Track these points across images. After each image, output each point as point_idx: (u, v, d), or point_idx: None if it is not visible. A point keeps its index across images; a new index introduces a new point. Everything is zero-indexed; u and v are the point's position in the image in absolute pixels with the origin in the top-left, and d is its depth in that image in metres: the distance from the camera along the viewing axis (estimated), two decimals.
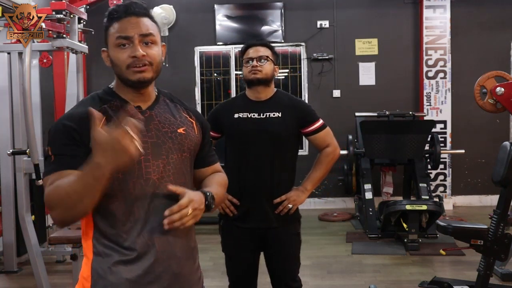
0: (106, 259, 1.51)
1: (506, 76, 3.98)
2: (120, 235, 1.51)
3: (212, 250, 5.26)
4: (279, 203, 2.62)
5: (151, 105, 1.62)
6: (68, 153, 1.48)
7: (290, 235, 2.69)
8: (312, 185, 2.69)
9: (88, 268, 1.53)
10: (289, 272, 2.71)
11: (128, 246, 1.50)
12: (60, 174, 1.46)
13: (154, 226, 1.51)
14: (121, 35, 1.53)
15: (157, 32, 1.59)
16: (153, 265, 1.52)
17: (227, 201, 2.63)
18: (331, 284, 4.24)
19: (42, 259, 4.08)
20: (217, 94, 7.38)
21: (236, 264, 2.73)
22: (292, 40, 7.21)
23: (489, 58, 6.91)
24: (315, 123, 2.67)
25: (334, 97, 7.18)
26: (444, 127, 7.03)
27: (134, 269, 1.50)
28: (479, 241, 3.28)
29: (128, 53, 1.53)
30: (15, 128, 4.44)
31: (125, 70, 1.54)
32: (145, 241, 1.51)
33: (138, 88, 1.57)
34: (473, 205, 7.12)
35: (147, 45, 1.55)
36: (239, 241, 2.68)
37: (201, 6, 7.23)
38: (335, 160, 2.72)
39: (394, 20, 7.21)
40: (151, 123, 1.57)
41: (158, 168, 1.54)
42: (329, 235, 5.71)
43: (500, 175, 3.21)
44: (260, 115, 2.62)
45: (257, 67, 2.58)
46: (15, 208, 4.37)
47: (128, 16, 1.55)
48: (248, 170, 2.62)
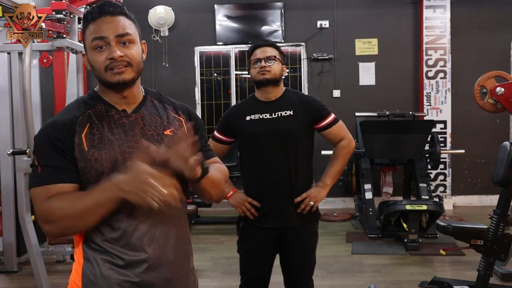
0: (97, 265, 1.49)
1: (506, 76, 3.98)
2: (111, 241, 1.49)
3: (212, 250, 5.27)
4: (299, 202, 2.62)
5: (136, 107, 1.58)
6: (56, 165, 1.46)
7: (310, 233, 2.69)
8: (331, 180, 2.69)
9: (79, 273, 1.52)
10: (306, 272, 2.71)
11: (119, 251, 1.49)
12: (50, 188, 1.45)
13: (144, 231, 1.50)
14: (96, 35, 1.49)
15: (135, 31, 1.55)
16: (146, 271, 1.50)
17: (248, 203, 2.63)
18: (331, 284, 4.24)
19: (42, 259, 4.08)
20: (217, 94, 7.38)
21: (253, 265, 2.72)
22: (292, 40, 7.21)
23: (489, 58, 6.91)
24: (327, 118, 2.66)
25: (334, 97, 7.18)
26: (444, 127, 7.03)
27: (126, 274, 1.48)
28: (479, 241, 3.28)
29: (105, 55, 1.49)
30: (15, 128, 4.43)
31: (103, 73, 1.50)
32: (136, 247, 1.49)
33: (119, 90, 1.54)
34: (473, 205, 7.12)
35: (124, 45, 1.51)
36: (258, 242, 2.67)
37: (201, 6, 7.23)
38: (351, 152, 2.72)
39: (394, 20, 7.21)
40: (136, 126, 1.54)
41: None
42: (329, 235, 5.71)
43: (500, 175, 3.21)
44: (272, 115, 2.62)
45: (266, 67, 2.58)
46: (15, 208, 4.37)
47: (103, 16, 1.50)
48: (265, 171, 2.63)
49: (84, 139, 1.48)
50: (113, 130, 1.51)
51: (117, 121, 1.53)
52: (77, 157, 1.46)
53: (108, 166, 1.47)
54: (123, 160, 1.48)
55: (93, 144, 1.48)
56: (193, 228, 6.18)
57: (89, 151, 1.47)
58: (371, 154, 5.93)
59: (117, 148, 1.49)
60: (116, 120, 1.53)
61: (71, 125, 1.49)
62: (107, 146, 1.48)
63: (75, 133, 1.48)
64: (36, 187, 1.46)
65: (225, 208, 6.25)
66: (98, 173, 1.46)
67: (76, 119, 1.50)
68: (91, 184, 1.46)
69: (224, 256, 4.94)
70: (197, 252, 5.09)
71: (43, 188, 1.45)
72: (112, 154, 1.48)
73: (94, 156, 1.47)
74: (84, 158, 1.46)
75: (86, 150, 1.47)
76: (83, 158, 1.46)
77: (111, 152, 1.48)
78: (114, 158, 1.47)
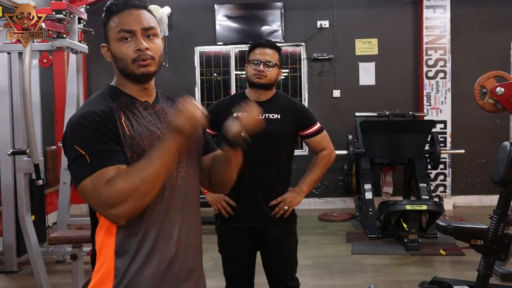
0: (129, 258, 1.49)
1: (506, 76, 3.98)
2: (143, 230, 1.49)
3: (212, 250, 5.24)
4: (274, 205, 2.63)
5: (155, 100, 1.62)
6: (107, 149, 1.43)
7: (287, 233, 2.70)
8: (308, 187, 2.71)
9: (111, 266, 1.50)
10: (287, 272, 2.72)
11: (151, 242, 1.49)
12: (106, 172, 1.40)
13: (173, 218, 1.53)
14: (124, 28, 1.51)
15: (157, 25, 1.58)
16: (175, 256, 1.52)
17: (224, 202, 2.64)
18: (331, 284, 4.24)
19: (42, 259, 4.08)
20: (217, 94, 7.38)
21: (233, 264, 2.74)
22: (292, 40, 7.21)
23: (489, 58, 6.91)
24: (313, 127, 2.69)
25: (334, 97, 7.18)
26: (444, 127, 7.03)
27: (157, 265, 1.50)
28: (479, 241, 3.28)
29: (132, 47, 1.51)
30: (15, 128, 4.44)
31: (130, 64, 1.52)
32: (166, 236, 1.51)
33: (142, 82, 1.57)
34: (473, 205, 7.12)
35: (149, 38, 1.53)
36: (236, 241, 2.69)
37: (201, 6, 7.23)
38: (331, 163, 2.76)
39: (394, 20, 7.21)
40: (162, 116, 1.58)
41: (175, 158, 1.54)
42: (329, 235, 5.71)
43: (500, 175, 3.21)
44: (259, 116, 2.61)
45: (263, 72, 2.59)
46: (15, 208, 4.37)
47: (128, 8, 1.53)
48: (244, 170, 2.61)
49: (124, 125, 1.49)
50: (144, 118, 1.54)
51: (144, 110, 1.57)
52: (122, 142, 1.47)
53: (148, 151, 1.48)
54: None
55: (133, 129, 1.50)
56: None
57: (131, 135, 1.48)
58: (371, 154, 5.93)
59: (153, 133, 1.52)
60: (143, 110, 1.57)
61: (110, 112, 1.49)
62: (146, 131, 1.51)
63: (117, 119, 1.49)
64: (89, 176, 1.40)
65: None
66: (139, 157, 1.47)
67: (111, 108, 1.51)
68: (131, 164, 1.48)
69: None
70: None
71: (99, 173, 1.40)
72: (151, 139, 1.50)
73: (136, 140, 1.49)
74: (127, 142, 1.48)
75: (129, 135, 1.48)
76: (126, 143, 1.48)
77: (149, 137, 1.51)
78: (153, 143, 1.50)
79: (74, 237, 3.72)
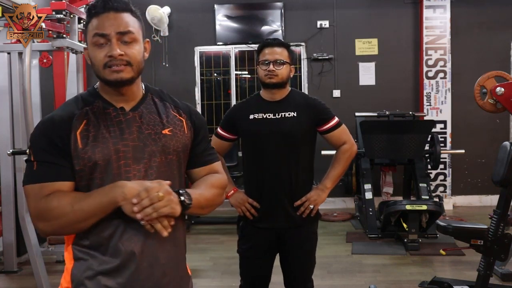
0: (86, 266, 1.48)
1: (506, 76, 3.98)
2: (100, 242, 1.47)
3: (212, 250, 5.27)
4: (299, 204, 2.62)
5: (135, 106, 1.55)
6: (52, 162, 1.44)
7: (309, 234, 2.69)
8: (332, 183, 2.68)
9: (68, 274, 1.51)
10: (306, 272, 2.71)
11: (109, 253, 1.46)
12: (47, 186, 1.43)
13: (135, 232, 1.46)
14: (98, 32, 1.46)
15: (138, 29, 1.52)
16: (135, 273, 1.46)
17: (247, 204, 2.63)
18: (331, 284, 4.24)
19: (42, 259, 4.08)
20: (217, 94, 7.38)
21: (252, 265, 2.71)
22: (292, 40, 7.19)
23: (489, 58, 6.91)
24: (331, 121, 2.66)
25: (334, 97, 7.18)
26: (444, 127, 7.03)
27: (115, 276, 1.46)
28: (479, 241, 3.28)
29: (104, 52, 1.46)
30: (15, 128, 4.43)
31: (102, 70, 1.47)
32: (126, 248, 1.46)
33: (117, 88, 1.51)
34: (473, 205, 7.12)
35: (126, 43, 1.47)
36: (257, 242, 2.67)
37: (201, 6, 7.23)
38: (353, 156, 2.73)
39: (394, 20, 7.21)
40: (133, 125, 1.51)
41: (140, 172, 1.48)
42: (329, 235, 5.71)
43: (500, 175, 3.21)
44: (276, 115, 2.61)
45: (274, 71, 2.57)
46: (15, 208, 4.37)
47: (106, 11, 1.47)
48: (265, 171, 2.62)
49: (78, 137, 1.46)
50: (109, 128, 1.49)
51: (114, 118, 1.51)
52: (72, 155, 1.45)
53: (102, 164, 1.45)
54: (117, 158, 1.47)
55: (88, 141, 1.46)
56: (193, 228, 6.18)
57: (83, 148, 1.45)
58: (371, 154, 5.93)
59: (111, 146, 1.47)
60: (113, 117, 1.51)
61: (68, 121, 1.47)
62: (101, 144, 1.46)
63: (72, 130, 1.46)
64: (31, 184, 1.44)
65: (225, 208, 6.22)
66: (91, 170, 1.45)
67: (73, 115, 1.48)
68: (84, 181, 1.46)
69: (224, 256, 4.93)
70: (197, 252, 5.11)
71: (39, 185, 1.43)
72: (105, 152, 1.46)
73: (87, 154, 1.45)
74: (78, 155, 1.45)
75: (80, 148, 1.45)
76: (77, 156, 1.45)
77: (104, 150, 1.46)
78: (108, 157, 1.46)
79: None
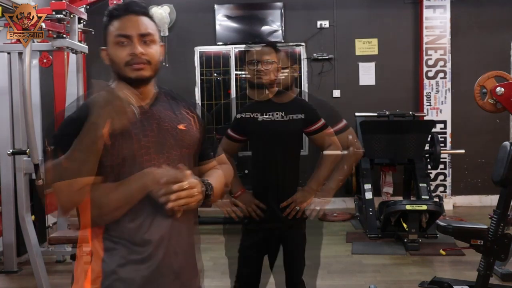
0: (117, 256, 1.54)
1: (506, 76, 3.98)
2: (130, 232, 1.54)
3: (212, 250, 5.26)
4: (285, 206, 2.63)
5: (151, 103, 1.64)
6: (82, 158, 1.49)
7: (297, 235, 2.73)
8: (316, 184, 2.69)
9: (98, 265, 1.55)
10: (295, 273, 2.73)
11: (139, 242, 1.54)
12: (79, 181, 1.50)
13: (160, 222, 1.55)
14: (121, 33, 1.56)
15: (156, 32, 1.62)
16: (161, 261, 1.55)
17: (254, 205, 2.63)
18: (331, 284, 4.24)
19: (42, 259, 4.08)
20: (217, 94, 7.38)
21: (249, 265, 2.73)
22: (292, 40, 7.20)
23: (489, 58, 6.90)
24: (317, 123, 2.66)
25: (334, 97, 7.17)
26: (444, 127, 7.03)
27: (146, 265, 1.54)
28: (479, 241, 3.28)
29: (127, 51, 1.55)
30: (15, 128, 4.43)
31: (123, 68, 1.56)
32: (153, 237, 1.54)
33: (136, 86, 1.59)
34: (473, 205, 7.12)
35: (146, 44, 1.57)
36: (257, 243, 2.68)
37: (201, 6, 7.22)
38: (338, 159, 2.71)
39: (394, 20, 7.20)
40: (152, 120, 1.60)
41: (160, 164, 1.56)
42: (329, 235, 5.70)
43: (500, 175, 3.21)
44: (283, 117, 2.61)
45: (261, 71, 2.58)
46: (15, 208, 4.37)
47: (128, 14, 1.58)
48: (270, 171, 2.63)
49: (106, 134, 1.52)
50: (132, 125, 1.55)
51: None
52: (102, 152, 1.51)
53: (129, 160, 1.53)
54: (142, 153, 1.55)
55: (114, 136, 1.52)
56: None
57: (111, 145, 1.52)
58: (371, 154, 5.93)
59: (136, 142, 1.55)
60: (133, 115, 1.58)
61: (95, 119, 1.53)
62: (128, 140, 1.54)
63: None
64: (62, 181, 1.48)
65: None
66: (119, 166, 1.53)
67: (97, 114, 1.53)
68: (113, 176, 1.53)
69: (224, 256, 4.91)
70: None
71: (70, 182, 1.48)
72: (132, 148, 1.54)
73: (114, 147, 1.52)
74: (106, 149, 1.51)
75: (109, 145, 1.51)
76: (106, 153, 1.51)
77: (131, 146, 1.54)
78: (134, 152, 1.54)
79: (74, 237, 3.71)
